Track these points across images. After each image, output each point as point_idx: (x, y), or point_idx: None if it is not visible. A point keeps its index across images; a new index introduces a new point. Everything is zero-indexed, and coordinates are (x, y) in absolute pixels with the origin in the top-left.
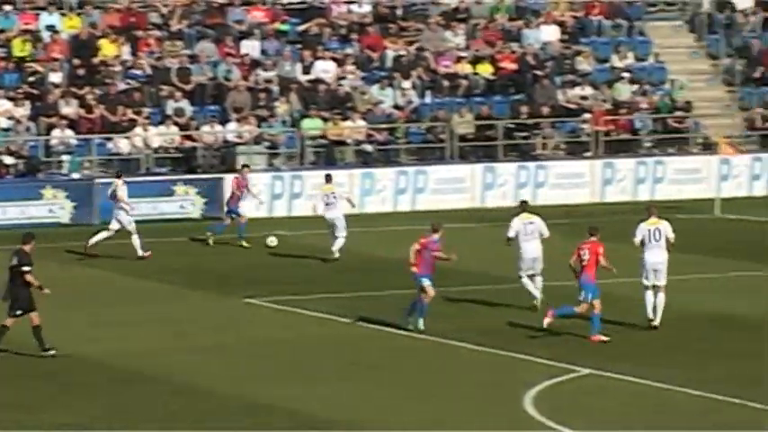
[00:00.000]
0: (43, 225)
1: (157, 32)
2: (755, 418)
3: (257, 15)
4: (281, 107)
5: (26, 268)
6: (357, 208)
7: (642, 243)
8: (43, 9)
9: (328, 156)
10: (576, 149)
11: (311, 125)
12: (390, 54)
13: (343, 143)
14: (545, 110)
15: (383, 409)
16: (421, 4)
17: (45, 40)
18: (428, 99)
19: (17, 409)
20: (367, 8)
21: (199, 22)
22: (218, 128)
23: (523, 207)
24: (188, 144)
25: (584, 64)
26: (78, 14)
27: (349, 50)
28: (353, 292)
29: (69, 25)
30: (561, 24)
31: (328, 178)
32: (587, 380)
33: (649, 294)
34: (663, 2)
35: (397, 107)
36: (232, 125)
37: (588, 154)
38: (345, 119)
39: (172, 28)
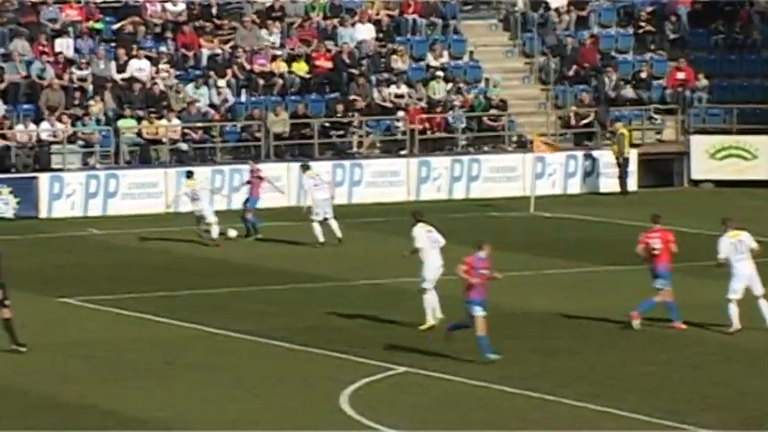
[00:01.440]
0: None
1: None
2: (573, 415)
3: (71, 14)
4: (95, 106)
5: None
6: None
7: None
8: None
9: (143, 154)
10: (391, 148)
11: (126, 124)
12: (205, 53)
13: (158, 142)
14: (361, 108)
15: (198, 409)
16: (236, 2)
17: None
18: (243, 98)
19: None
20: (182, 7)
21: (12, 20)
22: (32, 127)
23: (417, 218)
24: (1, 143)
25: (399, 62)
26: None
27: (164, 49)
28: (173, 291)
29: None
30: (376, 23)
31: (189, 174)
32: (404, 377)
33: (734, 307)
34: (477, 1)
35: (212, 106)
36: (46, 124)
37: (404, 152)
38: (161, 117)
39: None
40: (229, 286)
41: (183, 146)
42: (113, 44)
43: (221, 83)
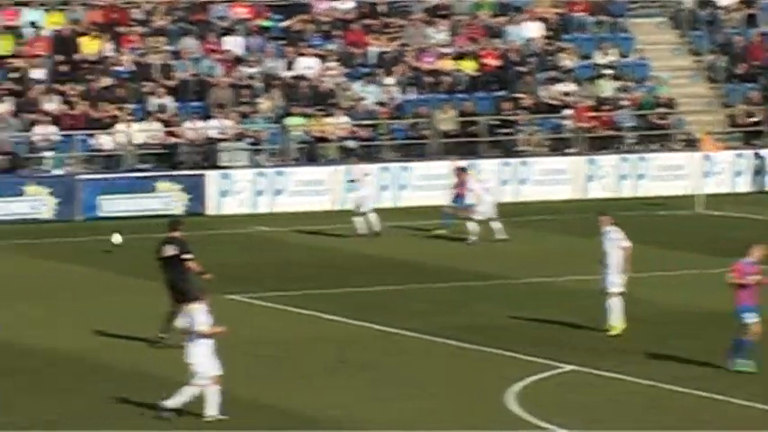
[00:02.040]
0: (25, 221)
1: (140, 29)
2: (742, 415)
3: (240, 12)
4: (263, 103)
5: (187, 255)
6: (339, 204)
7: None
8: (25, 5)
9: (311, 152)
10: (558, 146)
11: (294, 122)
12: (373, 50)
13: (326, 140)
14: (528, 106)
15: (370, 408)
16: (404, 0)
17: (27, 37)
18: (411, 95)
19: None
20: (350, 4)
21: (182, 19)
22: (201, 124)
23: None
24: (171, 140)
25: (566, 60)
26: (61, 11)
27: (332, 47)
28: (338, 288)
29: (52, 21)
30: (544, 21)
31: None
32: (571, 376)
33: None
34: None
35: (380, 103)
36: (214, 122)
37: (571, 150)
38: (328, 115)
39: (155, 24)
40: (393, 284)
41: (351, 143)
42: (282, 42)
43: (389, 80)
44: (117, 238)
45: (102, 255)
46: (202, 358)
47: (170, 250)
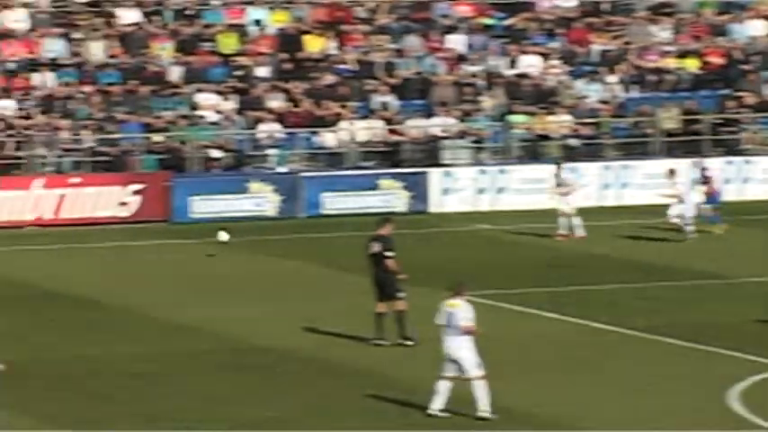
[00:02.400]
0: (249, 218)
1: (364, 27)
2: None
3: (463, 10)
4: (486, 101)
5: (389, 253)
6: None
7: None
8: (250, 3)
9: (533, 150)
10: None
11: (517, 120)
12: (596, 48)
13: (548, 138)
14: (752, 104)
15: (588, 406)
16: None
17: (252, 35)
18: (634, 94)
19: (220, 403)
20: (573, 2)
21: (405, 17)
22: (424, 122)
23: None
24: (393, 138)
25: None
26: (285, 9)
27: (555, 45)
28: (559, 287)
29: (276, 20)
30: None
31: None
32: None
33: None
34: None
35: (602, 102)
36: (437, 119)
37: None
38: (550, 113)
39: (378, 22)
40: (615, 282)
41: (573, 142)
42: (505, 40)
43: (611, 79)
44: (224, 236)
45: (324, 252)
46: (467, 353)
47: (375, 247)
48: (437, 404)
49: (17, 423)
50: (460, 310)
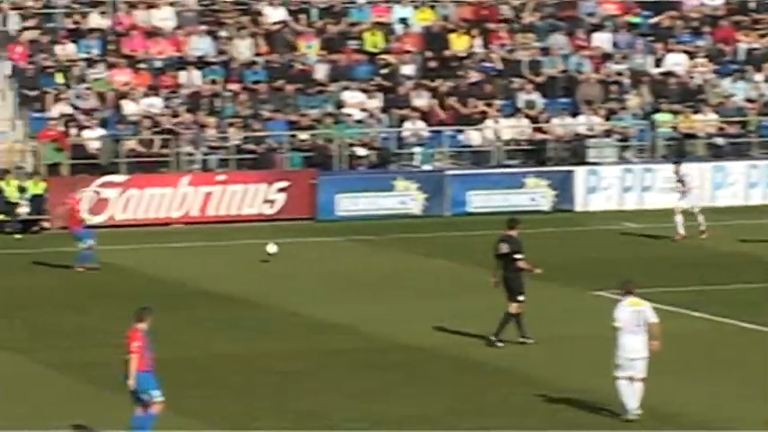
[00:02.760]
0: (394, 216)
1: (509, 25)
2: None
3: (609, 8)
4: (632, 100)
5: (518, 255)
6: (708, 201)
7: None
8: (397, 2)
9: (679, 149)
10: None
11: (663, 118)
12: (743, 47)
13: (694, 136)
14: None
15: (734, 406)
16: None
17: (398, 33)
18: None
19: (363, 400)
20: (720, 1)
21: (550, 15)
22: (569, 120)
23: None
24: (538, 137)
25: None
26: (431, 7)
27: (701, 43)
28: (699, 285)
29: (422, 18)
30: None
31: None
32: None
33: None
34: None
35: (749, 100)
36: (583, 118)
37: None
38: (696, 112)
39: (523, 21)
40: (759, 282)
41: (719, 141)
42: (650, 38)
43: (758, 77)
44: (272, 248)
45: (469, 250)
46: (647, 353)
47: (504, 248)
48: (633, 404)
49: (163, 420)
50: (646, 307)
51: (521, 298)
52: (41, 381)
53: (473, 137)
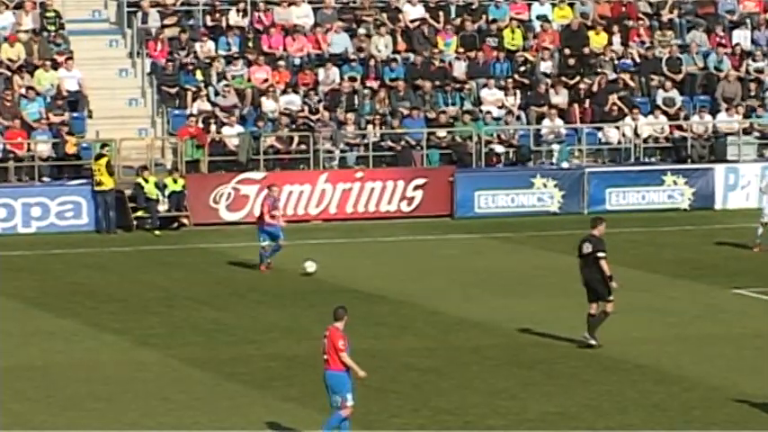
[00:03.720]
0: (532, 214)
1: (648, 22)
2: None
3: (749, 5)
4: None
5: (601, 254)
6: None
7: None
8: None
9: None
10: None
11: None
12: None
13: None
14: None
15: None
16: None
17: (536, 30)
18: None
19: (502, 398)
20: None
21: (690, 12)
22: (708, 118)
23: None
24: (677, 134)
25: None
26: (570, 5)
27: None
28: None
29: (560, 15)
30: None
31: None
32: None
33: None
34: None
35: None
36: (722, 115)
37: None
38: None
39: (663, 18)
40: None
41: None
42: None
43: None
44: (311, 267)
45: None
46: None
47: (586, 248)
48: None
49: (299, 415)
50: None
51: (611, 298)
52: (179, 377)
53: (611, 134)
